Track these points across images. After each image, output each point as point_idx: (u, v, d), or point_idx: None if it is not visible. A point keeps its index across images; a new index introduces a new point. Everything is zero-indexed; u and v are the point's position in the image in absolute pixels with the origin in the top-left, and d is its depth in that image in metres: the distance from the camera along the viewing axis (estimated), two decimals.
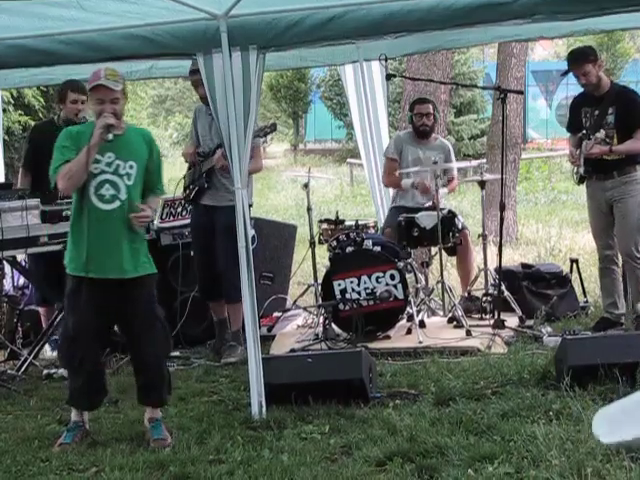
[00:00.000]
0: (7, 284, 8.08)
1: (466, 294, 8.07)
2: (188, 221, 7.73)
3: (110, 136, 5.12)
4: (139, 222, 5.24)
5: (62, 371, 6.99)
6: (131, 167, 5.24)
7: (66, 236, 6.79)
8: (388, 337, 7.36)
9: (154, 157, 5.39)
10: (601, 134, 6.97)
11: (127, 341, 5.48)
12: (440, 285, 7.85)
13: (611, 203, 7.14)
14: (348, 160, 24.02)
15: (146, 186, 5.35)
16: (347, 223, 7.97)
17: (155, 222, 7.64)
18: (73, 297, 5.28)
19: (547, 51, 37.28)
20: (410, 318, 7.43)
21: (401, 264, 7.41)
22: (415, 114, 8.41)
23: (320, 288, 7.62)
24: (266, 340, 7.32)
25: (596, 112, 7.11)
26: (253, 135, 5.77)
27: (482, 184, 8.06)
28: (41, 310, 7.78)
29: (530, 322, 7.51)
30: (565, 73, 7.40)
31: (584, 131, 7.14)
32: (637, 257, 7.11)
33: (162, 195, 5.54)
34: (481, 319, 7.69)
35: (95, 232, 5.20)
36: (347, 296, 7.34)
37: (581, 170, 7.17)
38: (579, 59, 7.06)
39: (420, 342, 7.07)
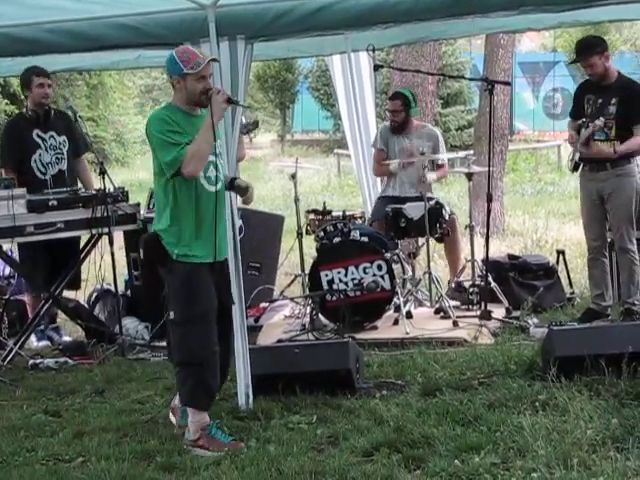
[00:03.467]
0: None
1: (453, 285, 8.08)
2: None
3: (236, 99, 5.08)
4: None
5: (48, 361, 6.99)
6: (220, 146, 5.16)
7: (51, 226, 6.83)
8: (375, 328, 7.37)
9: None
10: (600, 122, 6.89)
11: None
12: (427, 276, 7.86)
13: (603, 195, 7.13)
14: (335, 151, 23.98)
15: None
16: (334, 213, 7.97)
17: (142, 212, 7.63)
18: (194, 285, 5.01)
19: (534, 43, 37.29)
20: (397, 309, 7.44)
21: (388, 255, 7.42)
22: (388, 110, 8.53)
23: (307, 279, 7.63)
24: (253, 331, 7.31)
25: (599, 100, 7.06)
26: None
27: (469, 175, 8.06)
28: (28, 300, 7.76)
29: (517, 313, 7.53)
30: (572, 62, 7.38)
31: (584, 119, 7.12)
32: (631, 249, 7.12)
33: None
34: (468, 310, 7.71)
35: (206, 214, 5.01)
36: (334, 287, 7.35)
37: (576, 156, 7.16)
38: (585, 51, 7.02)
39: (407, 333, 7.08)
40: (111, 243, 7.13)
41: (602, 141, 7.04)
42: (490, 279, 7.64)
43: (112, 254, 7.16)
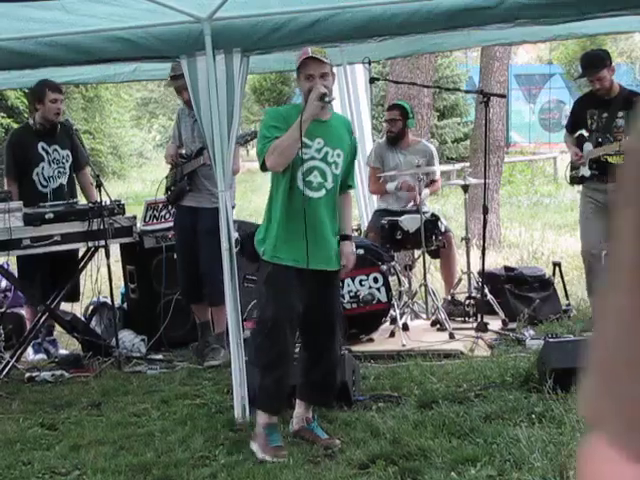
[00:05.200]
0: None
1: (449, 297, 8.09)
2: (171, 224, 7.72)
3: (327, 99, 4.90)
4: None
5: (44, 374, 6.98)
6: (339, 155, 5.05)
7: (48, 239, 6.84)
8: (371, 340, 7.36)
9: (352, 147, 5.23)
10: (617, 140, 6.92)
11: (306, 336, 5.23)
12: (423, 288, 7.86)
13: (609, 206, 7.10)
14: None
15: (342, 177, 5.15)
16: None
17: (138, 225, 7.64)
18: (274, 287, 4.97)
19: (530, 55, 37.44)
20: (393, 321, 7.44)
21: (384, 267, 7.41)
22: (385, 120, 8.52)
23: None
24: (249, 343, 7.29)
25: (604, 115, 7.06)
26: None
27: (465, 187, 8.07)
28: (25, 313, 7.76)
29: (513, 325, 7.54)
30: (580, 77, 7.36)
31: (584, 132, 7.11)
32: None
33: (352, 190, 5.44)
34: (464, 322, 7.71)
35: (299, 218, 4.92)
36: None
37: (585, 171, 7.14)
38: (596, 65, 6.97)
39: (403, 345, 7.08)
40: (107, 256, 7.13)
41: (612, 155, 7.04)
42: (486, 291, 7.65)
43: (108, 267, 7.15)
